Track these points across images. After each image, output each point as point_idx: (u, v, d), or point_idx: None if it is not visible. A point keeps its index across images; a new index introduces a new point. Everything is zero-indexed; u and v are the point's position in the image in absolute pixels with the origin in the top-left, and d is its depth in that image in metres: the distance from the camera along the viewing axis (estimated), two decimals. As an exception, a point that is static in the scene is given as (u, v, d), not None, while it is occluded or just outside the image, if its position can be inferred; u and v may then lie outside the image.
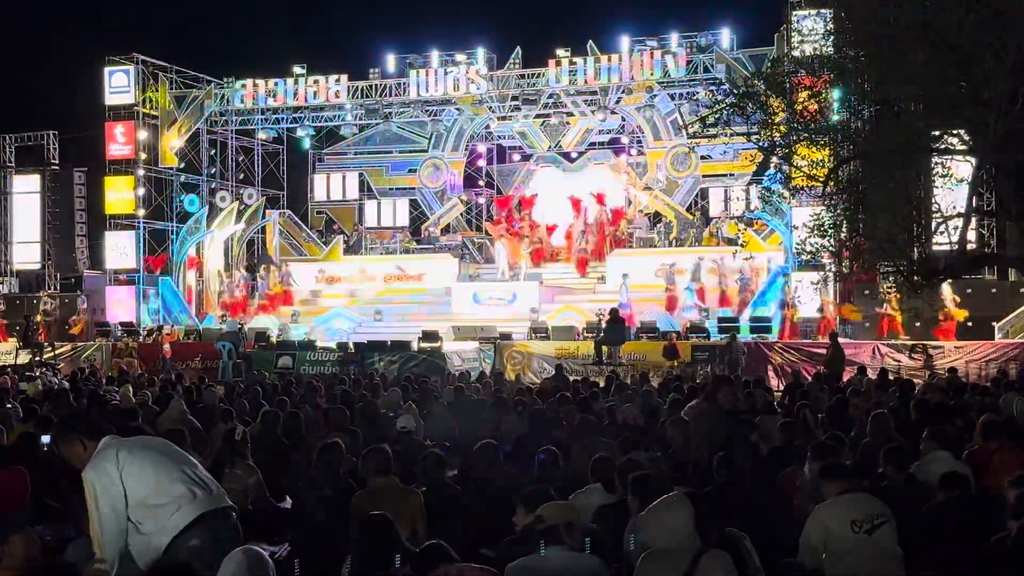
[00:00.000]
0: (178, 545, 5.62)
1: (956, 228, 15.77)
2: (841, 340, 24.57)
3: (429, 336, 25.61)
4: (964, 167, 16.41)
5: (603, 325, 24.84)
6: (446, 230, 37.27)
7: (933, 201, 16.57)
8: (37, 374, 23.07)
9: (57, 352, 29.00)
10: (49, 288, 34.92)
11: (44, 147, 36.07)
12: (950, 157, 16.18)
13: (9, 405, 13.88)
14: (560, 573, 5.28)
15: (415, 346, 25.38)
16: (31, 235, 35.95)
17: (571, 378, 19.79)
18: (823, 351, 23.45)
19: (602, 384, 17.86)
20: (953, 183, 16.11)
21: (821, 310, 25.58)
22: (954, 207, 16.34)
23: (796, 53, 21.34)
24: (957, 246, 15.70)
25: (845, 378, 19.63)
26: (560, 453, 8.28)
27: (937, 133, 15.67)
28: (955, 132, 15.94)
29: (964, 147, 16.15)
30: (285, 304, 33.68)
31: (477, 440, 8.91)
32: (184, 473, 5.88)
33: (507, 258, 32.93)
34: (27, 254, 36.00)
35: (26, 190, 35.93)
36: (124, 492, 5.68)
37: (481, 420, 11.80)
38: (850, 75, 16.15)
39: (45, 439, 10.18)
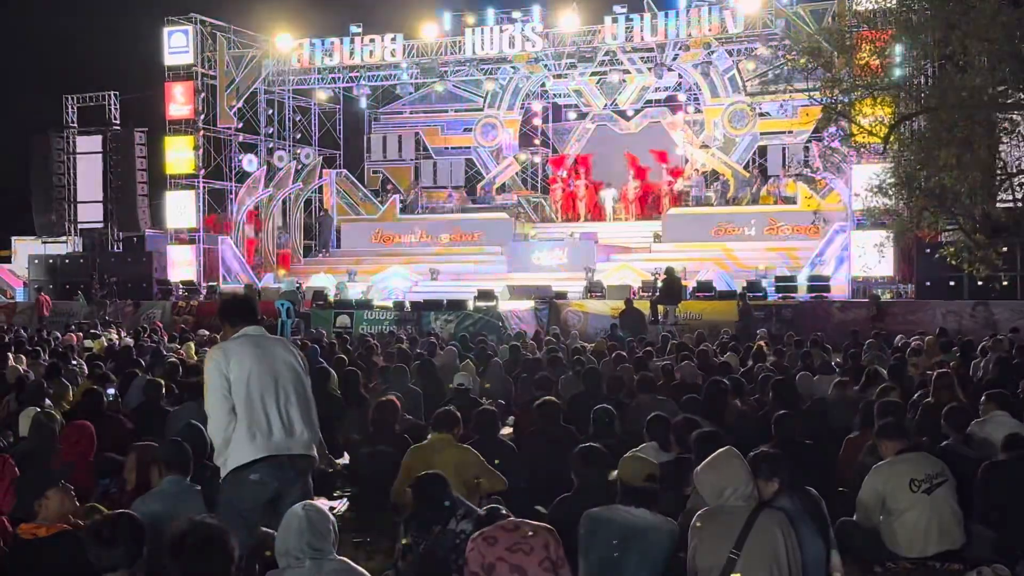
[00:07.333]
0: (239, 478, 5.67)
1: (1021, 185, 15.47)
2: (894, 300, 24.24)
3: (485, 295, 25.65)
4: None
5: (659, 284, 24.71)
6: (501, 189, 37.25)
7: (998, 157, 16.22)
8: (101, 331, 23.45)
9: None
10: (112, 247, 35.44)
11: (105, 108, 36.44)
12: (1016, 113, 15.79)
13: (74, 362, 14.17)
14: (637, 528, 5.28)
15: (471, 305, 25.45)
16: (94, 195, 36.42)
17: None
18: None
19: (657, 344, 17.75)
20: (1019, 139, 15.77)
21: None
22: (1019, 164, 16.01)
23: (860, 8, 20.87)
24: (1022, 203, 15.41)
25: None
26: (615, 411, 8.27)
27: (1003, 88, 15.28)
28: (1022, 87, 15.54)
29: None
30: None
31: (534, 399, 8.91)
32: (278, 405, 5.81)
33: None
34: (90, 213, 36.49)
35: (88, 150, 36.36)
36: (228, 378, 5.74)
37: (537, 379, 11.79)
38: (914, 29, 15.79)
39: (110, 391, 10.42)
